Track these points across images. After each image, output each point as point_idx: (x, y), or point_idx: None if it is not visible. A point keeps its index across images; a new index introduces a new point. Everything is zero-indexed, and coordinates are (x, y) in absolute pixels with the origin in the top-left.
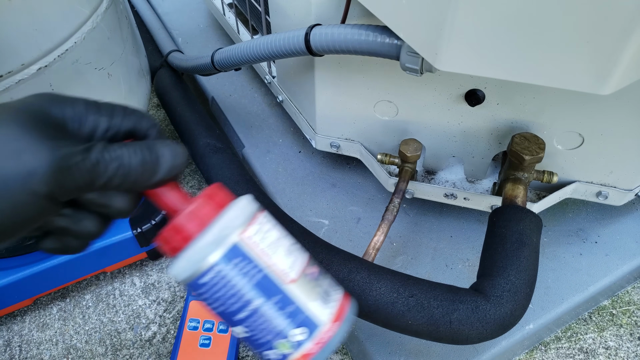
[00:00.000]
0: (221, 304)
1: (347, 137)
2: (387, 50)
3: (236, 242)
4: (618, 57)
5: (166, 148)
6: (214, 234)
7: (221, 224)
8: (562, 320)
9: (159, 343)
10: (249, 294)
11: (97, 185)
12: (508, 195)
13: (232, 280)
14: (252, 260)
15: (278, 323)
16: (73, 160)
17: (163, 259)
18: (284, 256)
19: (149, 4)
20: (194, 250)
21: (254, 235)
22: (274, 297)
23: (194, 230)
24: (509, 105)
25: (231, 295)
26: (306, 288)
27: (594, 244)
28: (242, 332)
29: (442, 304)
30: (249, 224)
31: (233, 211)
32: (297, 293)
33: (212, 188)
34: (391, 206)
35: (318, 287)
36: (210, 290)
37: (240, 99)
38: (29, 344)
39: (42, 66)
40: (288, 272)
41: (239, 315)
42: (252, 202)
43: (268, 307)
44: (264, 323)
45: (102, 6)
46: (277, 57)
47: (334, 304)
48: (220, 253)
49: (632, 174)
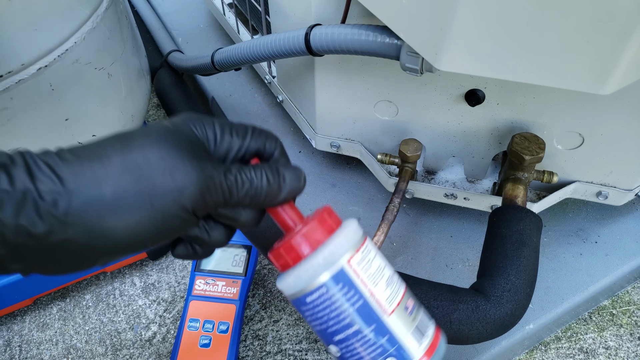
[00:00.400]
0: (321, 323)
1: (347, 137)
2: (387, 50)
3: (343, 266)
4: (618, 57)
5: (289, 171)
6: (325, 257)
7: (331, 248)
8: (562, 320)
9: (159, 343)
10: (348, 318)
11: (231, 203)
12: (508, 195)
13: (335, 303)
14: (356, 286)
15: (372, 351)
16: (215, 181)
17: (163, 259)
18: (384, 286)
19: (149, 4)
20: (305, 269)
21: (360, 262)
22: (371, 325)
23: (307, 250)
24: (509, 105)
25: (332, 316)
26: (402, 320)
27: (594, 244)
28: (336, 351)
29: (442, 304)
30: (356, 250)
31: (343, 236)
32: (393, 324)
33: (324, 211)
34: (391, 206)
35: (414, 321)
36: (314, 308)
37: (240, 99)
38: (29, 344)
39: (42, 66)
40: (387, 303)
41: (336, 336)
42: (359, 227)
43: (364, 334)
44: (359, 348)
45: (102, 6)
46: (277, 57)
47: (427, 339)
48: (329, 275)
49: (632, 174)
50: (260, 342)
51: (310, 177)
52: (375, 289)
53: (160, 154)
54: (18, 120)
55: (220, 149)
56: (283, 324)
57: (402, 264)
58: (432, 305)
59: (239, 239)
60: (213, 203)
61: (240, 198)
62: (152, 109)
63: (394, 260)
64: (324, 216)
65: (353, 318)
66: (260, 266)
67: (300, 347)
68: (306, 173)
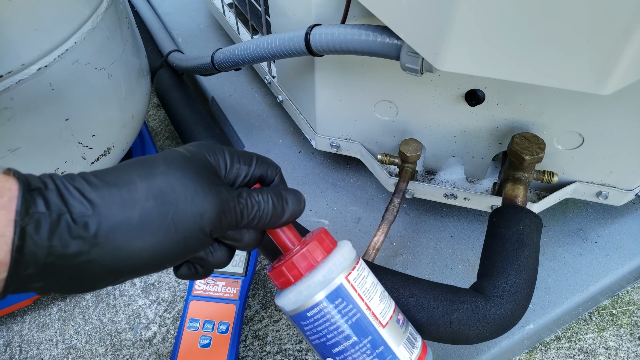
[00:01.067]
0: (320, 337)
1: (347, 137)
2: (387, 50)
3: (342, 283)
4: (618, 57)
5: (290, 195)
6: (324, 274)
7: (330, 266)
8: (562, 320)
9: (159, 343)
10: (347, 330)
11: (240, 225)
12: (508, 195)
13: (335, 317)
14: (354, 301)
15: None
16: (230, 205)
17: None
18: (378, 301)
19: (149, 4)
20: (306, 285)
21: (356, 279)
22: (367, 336)
23: (307, 268)
24: (509, 105)
25: (331, 329)
26: (395, 332)
27: (594, 244)
28: None
29: (442, 304)
30: (352, 267)
31: (340, 254)
32: (387, 336)
33: (322, 232)
34: (391, 206)
35: (404, 332)
36: (314, 322)
37: (240, 99)
38: (29, 344)
39: (42, 66)
40: (381, 316)
41: (334, 348)
42: (353, 249)
43: (361, 345)
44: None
45: (102, 6)
46: (277, 57)
47: (417, 350)
48: (328, 291)
49: (632, 174)
50: (260, 342)
51: (310, 177)
52: (371, 303)
53: (181, 180)
54: (18, 120)
55: (230, 175)
56: (283, 324)
57: (402, 264)
58: (432, 305)
59: None
60: (227, 225)
61: (250, 220)
62: (152, 109)
63: (394, 260)
64: (322, 237)
65: (351, 330)
66: (260, 266)
67: (300, 347)
68: (306, 173)
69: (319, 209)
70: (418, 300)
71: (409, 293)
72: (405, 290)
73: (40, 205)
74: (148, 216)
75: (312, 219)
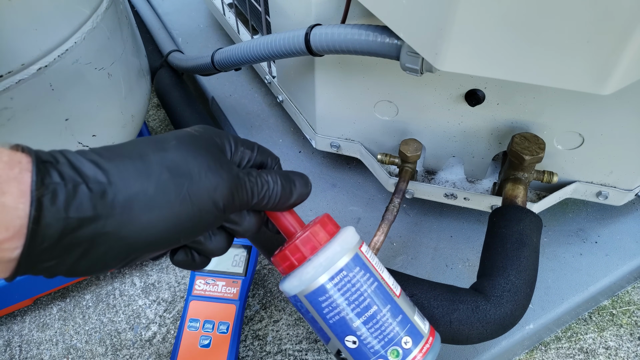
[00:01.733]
0: (338, 312)
1: (347, 137)
2: (387, 50)
3: (357, 252)
4: (618, 57)
5: (297, 178)
6: (340, 243)
7: (344, 237)
8: (562, 320)
9: (159, 343)
10: (368, 299)
11: (251, 203)
12: (508, 195)
13: (355, 285)
14: (370, 270)
15: (391, 329)
16: (242, 180)
17: (163, 259)
18: (388, 274)
19: (149, 4)
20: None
21: (367, 251)
22: (387, 305)
23: (309, 252)
24: (509, 105)
25: (352, 299)
26: (407, 303)
27: (594, 244)
28: (351, 343)
29: (442, 304)
30: (361, 244)
31: (350, 230)
32: (402, 306)
33: (325, 216)
34: (391, 206)
35: (415, 306)
36: (334, 294)
37: (240, 99)
38: (29, 344)
39: (42, 66)
40: (394, 287)
41: (354, 323)
42: (356, 233)
43: (383, 314)
44: (379, 329)
45: (102, 6)
46: (277, 57)
47: (428, 324)
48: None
49: (632, 174)
50: (260, 342)
51: (310, 177)
52: (383, 274)
53: (193, 155)
54: (18, 120)
55: (235, 158)
56: (283, 324)
57: (402, 264)
58: (432, 305)
59: (239, 239)
60: (239, 202)
61: (260, 199)
62: (152, 109)
63: (394, 260)
64: (326, 220)
65: (372, 299)
66: (260, 266)
67: (300, 347)
68: (306, 173)
69: (319, 209)
70: (418, 300)
71: (408, 293)
72: (405, 290)
73: (55, 176)
74: (164, 188)
75: (312, 219)
